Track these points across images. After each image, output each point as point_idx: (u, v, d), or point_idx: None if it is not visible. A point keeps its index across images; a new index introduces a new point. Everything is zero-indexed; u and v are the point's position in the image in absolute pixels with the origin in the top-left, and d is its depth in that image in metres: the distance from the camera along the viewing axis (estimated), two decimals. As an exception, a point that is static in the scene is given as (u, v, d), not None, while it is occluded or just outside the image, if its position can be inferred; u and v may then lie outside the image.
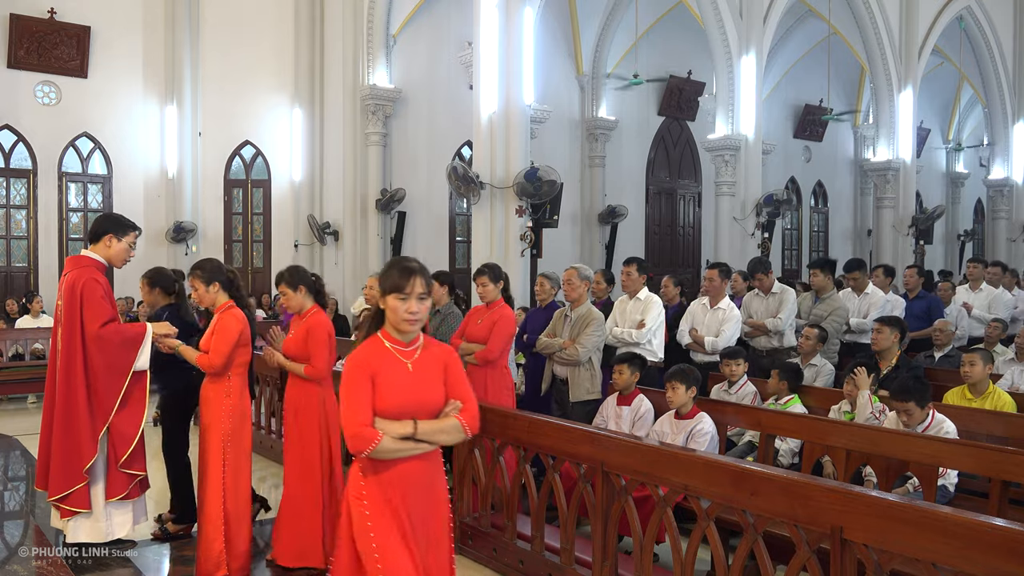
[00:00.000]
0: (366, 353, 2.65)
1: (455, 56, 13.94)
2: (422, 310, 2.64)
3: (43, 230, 13.56)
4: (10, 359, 10.33)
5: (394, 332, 2.68)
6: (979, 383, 5.33)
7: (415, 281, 2.61)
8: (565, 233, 14.41)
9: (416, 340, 2.71)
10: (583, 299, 5.57)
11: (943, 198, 21.69)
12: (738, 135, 13.27)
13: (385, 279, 2.67)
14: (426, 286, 2.64)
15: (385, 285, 2.65)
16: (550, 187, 10.54)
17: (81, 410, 4.45)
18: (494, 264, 5.44)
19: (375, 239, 13.57)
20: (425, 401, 2.64)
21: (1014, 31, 17.78)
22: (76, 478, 4.46)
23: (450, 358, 2.75)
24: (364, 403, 2.56)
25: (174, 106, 14.16)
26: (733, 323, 6.36)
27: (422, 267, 2.67)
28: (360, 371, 2.60)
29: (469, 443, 4.69)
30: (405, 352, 2.68)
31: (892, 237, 15.75)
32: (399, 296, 2.61)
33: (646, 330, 5.92)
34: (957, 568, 2.52)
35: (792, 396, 5.36)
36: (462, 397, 2.70)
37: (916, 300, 7.92)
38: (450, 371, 2.72)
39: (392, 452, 2.56)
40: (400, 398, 2.60)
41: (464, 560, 4.69)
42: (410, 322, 2.63)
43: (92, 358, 4.48)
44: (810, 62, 17.81)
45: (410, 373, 2.64)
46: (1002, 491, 3.84)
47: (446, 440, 2.68)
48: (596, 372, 5.49)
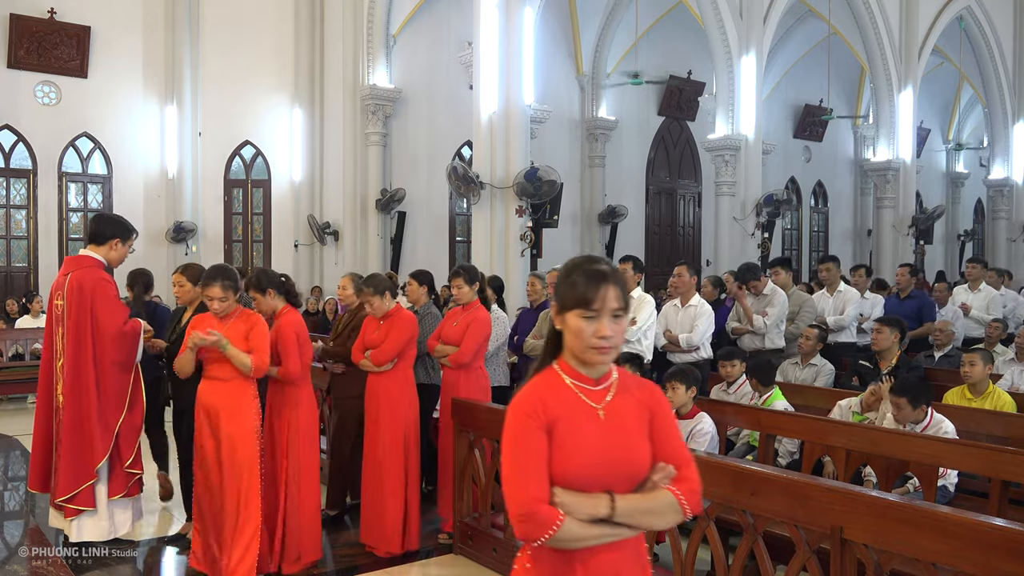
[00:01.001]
0: (538, 394, 1.88)
1: (455, 56, 13.94)
2: (617, 333, 1.86)
3: (43, 230, 13.55)
4: (10, 359, 10.33)
5: (576, 364, 1.91)
6: (979, 383, 5.33)
7: (608, 292, 1.83)
8: (565, 233, 14.41)
9: (608, 375, 1.93)
10: None
11: (943, 198, 21.70)
12: (738, 135, 13.27)
13: (565, 288, 1.88)
14: (623, 299, 1.86)
15: (565, 297, 1.88)
16: (550, 187, 10.54)
17: (93, 408, 4.50)
18: (470, 265, 5.36)
19: (375, 239, 13.57)
20: (624, 464, 1.86)
21: (1014, 31, 17.78)
22: (85, 476, 4.50)
23: (657, 401, 1.97)
24: (537, 468, 1.80)
25: (174, 106, 14.16)
26: (706, 318, 6.22)
27: (615, 271, 1.89)
28: (530, 420, 1.83)
29: (469, 443, 4.70)
30: (594, 393, 1.90)
31: (892, 237, 15.76)
32: (585, 313, 1.83)
33: (636, 328, 5.83)
34: (957, 568, 2.52)
35: (771, 391, 5.34)
36: (676, 458, 1.90)
37: (907, 300, 7.90)
38: (658, 419, 1.94)
39: (579, 540, 1.79)
40: (589, 459, 1.83)
41: (464, 560, 4.69)
42: (600, 351, 1.85)
43: (105, 356, 4.55)
44: (810, 62, 17.82)
45: (602, 423, 1.88)
46: (1002, 491, 3.84)
47: (656, 524, 1.90)
48: None
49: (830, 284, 7.45)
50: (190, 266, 5.07)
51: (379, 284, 4.89)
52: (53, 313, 4.72)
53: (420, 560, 4.73)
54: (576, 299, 1.85)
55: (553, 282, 5.48)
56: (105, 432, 4.53)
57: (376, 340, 4.79)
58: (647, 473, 1.87)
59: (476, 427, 4.65)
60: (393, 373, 4.76)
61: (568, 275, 1.89)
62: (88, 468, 4.50)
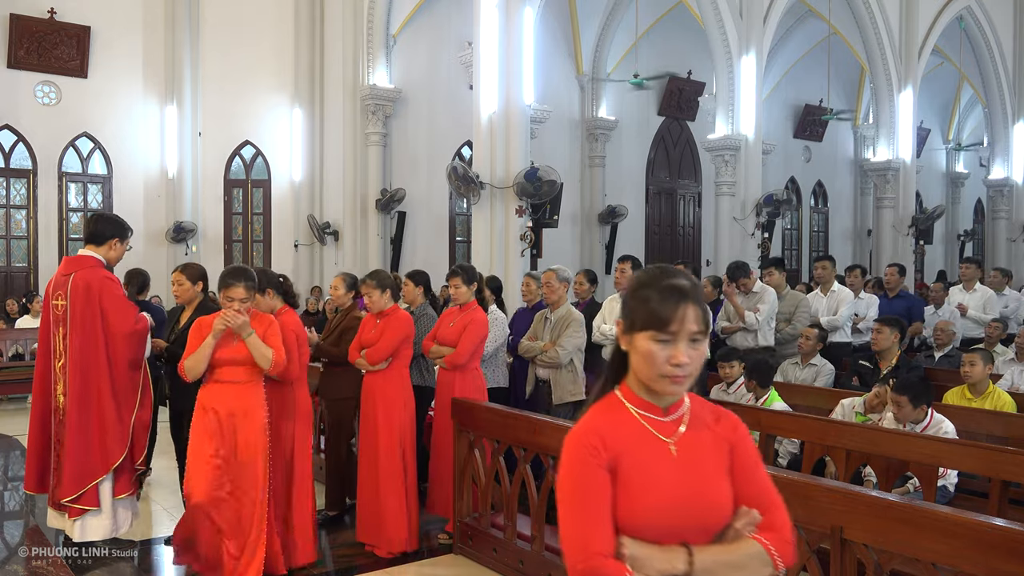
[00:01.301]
0: (599, 426, 1.62)
1: (455, 56, 13.94)
2: (695, 360, 1.59)
3: (43, 230, 13.56)
4: (10, 359, 10.34)
5: (643, 391, 1.65)
6: (979, 383, 5.34)
7: (687, 313, 1.57)
8: (565, 233, 14.41)
9: (679, 404, 1.67)
10: (562, 301, 5.55)
11: (943, 198, 21.69)
12: (738, 135, 13.27)
13: (635, 304, 1.62)
14: (703, 321, 1.59)
15: (634, 314, 1.61)
16: (550, 187, 10.53)
17: (106, 407, 4.53)
18: (468, 265, 5.34)
19: (375, 239, 13.57)
20: (701, 508, 1.60)
21: (1014, 31, 17.77)
22: (93, 475, 4.51)
23: (738, 434, 1.70)
24: (599, 514, 1.55)
25: (174, 106, 14.17)
26: None
27: (695, 287, 1.62)
28: (591, 457, 1.57)
29: (469, 443, 4.70)
30: (664, 425, 1.65)
31: (892, 237, 15.75)
32: (658, 336, 1.57)
33: None
34: (957, 568, 2.52)
35: (768, 393, 5.34)
36: (762, 500, 1.64)
37: (896, 299, 7.91)
38: (739, 455, 1.67)
39: None
40: (660, 503, 1.57)
41: (464, 560, 4.69)
42: (674, 380, 1.59)
43: (119, 355, 4.58)
44: (810, 62, 17.81)
45: (674, 460, 1.62)
46: (1002, 491, 3.84)
47: None
48: (578, 374, 5.44)
49: (824, 283, 7.44)
50: (189, 265, 5.08)
51: (383, 280, 4.90)
52: (51, 313, 4.69)
53: (420, 560, 4.73)
54: (648, 319, 1.58)
55: (548, 282, 5.54)
56: (121, 430, 4.57)
57: (372, 339, 4.79)
58: (728, 519, 1.61)
59: (476, 427, 4.65)
60: (388, 373, 4.75)
61: (639, 289, 1.63)
62: (95, 469, 4.51)
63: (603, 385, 1.72)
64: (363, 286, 4.93)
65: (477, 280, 5.19)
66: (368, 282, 4.87)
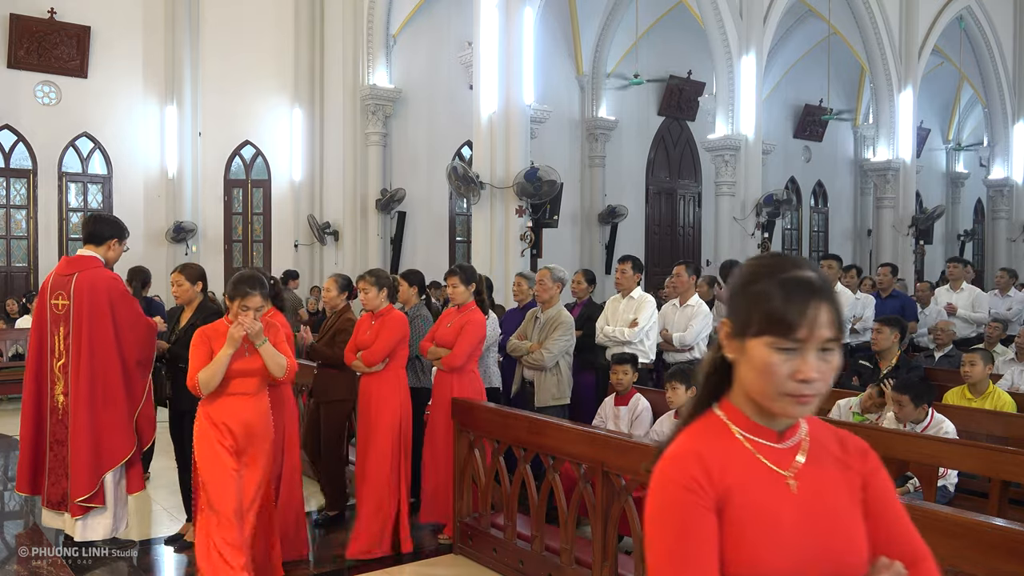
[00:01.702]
0: (701, 455, 1.29)
1: (455, 56, 13.94)
2: (826, 375, 1.27)
3: (43, 230, 13.56)
4: (10, 359, 10.33)
5: (752, 411, 1.33)
6: (979, 383, 5.34)
7: (819, 314, 1.26)
8: (565, 233, 14.41)
9: (795, 428, 1.35)
10: (554, 301, 5.46)
11: (943, 198, 21.69)
12: (738, 135, 13.27)
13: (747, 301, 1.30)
14: (837, 323, 1.27)
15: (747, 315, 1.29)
16: (550, 187, 10.54)
17: (122, 406, 4.57)
18: (467, 265, 5.27)
19: (375, 239, 13.57)
20: (831, 560, 1.27)
21: (1014, 31, 17.78)
22: (102, 472, 4.53)
23: (871, 465, 1.38)
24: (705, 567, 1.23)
25: (174, 106, 14.17)
26: (701, 318, 6.23)
27: (827, 283, 1.30)
28: (692, 495, 1.25)
29: (469, 443, 4.70)
30: (779, 454, 1.33)
31: (892, 237, 15.75)
32: (780, 344, 1.26)
33: (639, 329, 5.81)
34: (957, 568, 2.51)
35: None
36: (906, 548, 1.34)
37: (889, 299, 7.91)
38: (873, 490, 1.35)
39: None
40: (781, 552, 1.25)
41: (464, 560, 4.69)
42: (800, 400, 1.27)
43: (131, 354, 4.61)
44: (810, 62, 17.82)
45: (794, 499, 1.29)
46: (1002, 491, 3.84)
47: None
48: (564, 377, 5.34)
49: None
50: (188, 265, 5.08)
51: (381, 278, 4.89)
52: (50, 313, 4.66)
53: (419, 560, 4.72)
54: (767, 321, 1.25)
55: (542, 280, 5.51)
56: (130, 429, 4.61)
57: (367, 340, 4.77)
58: (864, 572, 1.29)
59: (476, 427, 4.65)
60: (384, 374, 4.73)
61: (754, 282, 1.29)
62: (108, 465, 4.55)
63: (698, 402, 1.39)
64: (361, 281, 4.89)
65: (476, 281, 5.12)
66: (367, 278, 4.84)
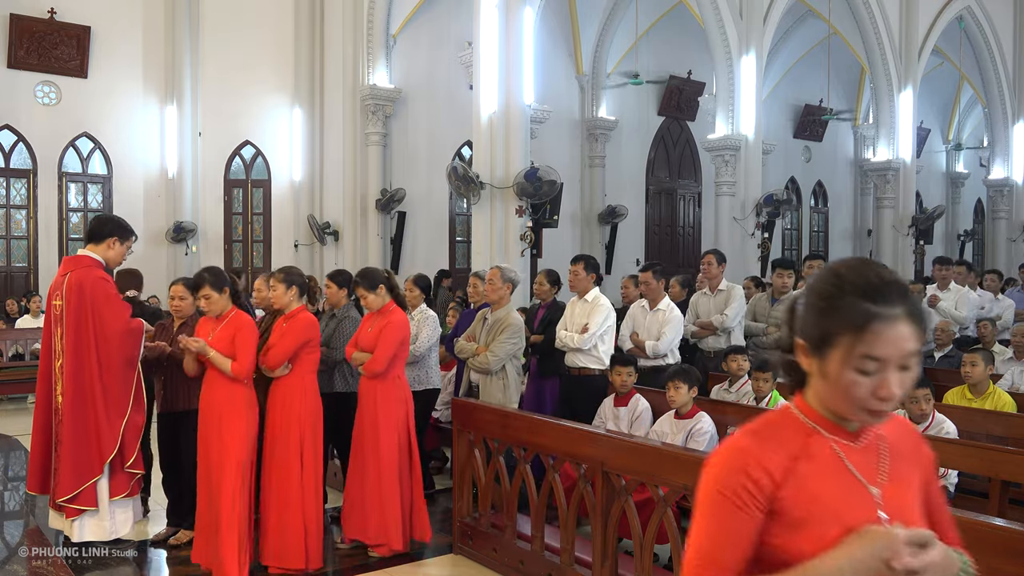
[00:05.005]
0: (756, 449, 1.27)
1: (455, 56, 13.93)
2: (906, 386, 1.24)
3: (43, 230, 13.56)
4: (10, 359, 10.34)
5: (826, 410, 1.30)
6: (979, 383, 5.34)
7: (903, 330, 1.21)
8: (565, 233, 14.40)
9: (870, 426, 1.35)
10: (504, 301, 5.27)
11: (943, 198, 21.68)
12: (738, 135, 13.27)
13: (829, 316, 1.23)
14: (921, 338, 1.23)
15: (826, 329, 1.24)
16: (550, 187, 10.53)
17: (97, 407, 4.53)
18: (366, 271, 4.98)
19: (375, 239, 13.58)
20: None
21: (1014, 31, 17.78)
22: (87, 475, 4.51)
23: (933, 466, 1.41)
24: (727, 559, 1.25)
25: (174, 106, 14.16)
26: (674, 324, 5.92)
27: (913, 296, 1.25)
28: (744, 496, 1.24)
29: (469, 443, 4.70)
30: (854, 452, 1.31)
31: (892, 237, 15.75)
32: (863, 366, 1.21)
33: (589, 335, 5.39)
34: (957, 568, 2.51)
35: (770, 394, 5.33)
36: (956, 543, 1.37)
37: None
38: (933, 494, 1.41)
39: None
40: None
41: (464, 560, 4.69)
42: (875, 413, 1.25)
43: (111, 355, 4.57)
44: (810, 62, 17.81)
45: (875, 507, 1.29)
46: (1002, 491, 3.84)
47: None
48: (510, 382, 5.16)
49: None
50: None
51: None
52: (51, 313, 4.72)
53: (420, 560, 4.72)
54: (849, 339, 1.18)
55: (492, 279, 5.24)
56: (111, 431, 4.56)
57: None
58: None
59: (476, 427, 4.65)
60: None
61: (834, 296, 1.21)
62: (91, 467, 4.52)
63: None
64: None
65: (381, 282, 4.80)
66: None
